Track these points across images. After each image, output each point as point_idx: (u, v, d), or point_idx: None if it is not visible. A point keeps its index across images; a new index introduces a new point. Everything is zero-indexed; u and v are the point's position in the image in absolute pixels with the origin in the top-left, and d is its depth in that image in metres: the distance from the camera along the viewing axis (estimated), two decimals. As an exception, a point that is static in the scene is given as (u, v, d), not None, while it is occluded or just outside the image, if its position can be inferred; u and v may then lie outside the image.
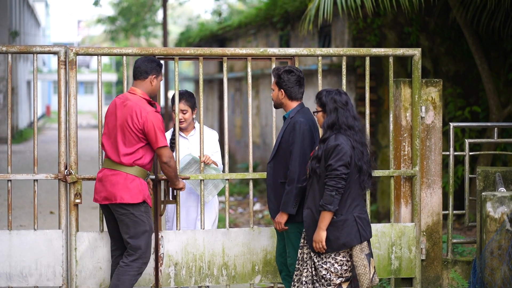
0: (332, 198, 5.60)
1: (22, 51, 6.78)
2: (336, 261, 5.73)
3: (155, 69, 6.30)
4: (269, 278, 7.02)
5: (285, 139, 6.24)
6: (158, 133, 6.14)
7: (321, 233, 5.67)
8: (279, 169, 6.28)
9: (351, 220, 5.70)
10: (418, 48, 7.32)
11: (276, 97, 6.35)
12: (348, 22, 12.48)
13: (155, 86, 6.32)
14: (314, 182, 5.76)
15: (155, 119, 6.15)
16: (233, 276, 6.93)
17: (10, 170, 6.73)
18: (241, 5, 38.47)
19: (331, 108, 5.77)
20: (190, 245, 6.83)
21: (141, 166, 6.20)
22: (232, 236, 6.92)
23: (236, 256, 6.92)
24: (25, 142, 29.36)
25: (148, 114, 6.13)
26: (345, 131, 5.72)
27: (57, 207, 6.85)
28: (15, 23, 31.40)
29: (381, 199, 12.18)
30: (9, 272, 6.59)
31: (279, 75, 6.31)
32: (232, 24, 20.71)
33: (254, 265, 6.97)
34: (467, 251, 9.08)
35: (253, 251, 6.96)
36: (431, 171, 7.32)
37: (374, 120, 12.10)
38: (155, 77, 6.29)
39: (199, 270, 6.82)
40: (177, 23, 56.06)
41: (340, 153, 5.63)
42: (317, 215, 5.72)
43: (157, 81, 6.33)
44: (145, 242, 6.25)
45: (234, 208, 14.38)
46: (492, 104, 11.06)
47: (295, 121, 6.20)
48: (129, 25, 38.74)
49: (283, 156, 6.26)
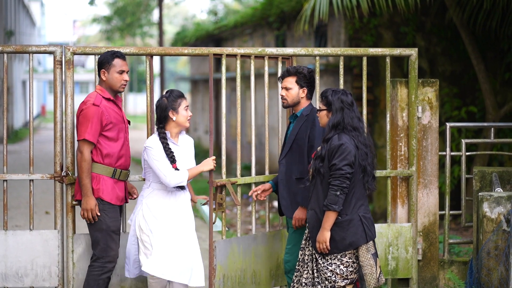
0: (337, 197, 5.56)
1: (18, 51, 6.75)
2: (342, 263, 5.68)
3: (103, 63, 6.22)
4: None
5: (301, 136, 6.24)
6: (83, 124, 6.05)
7: (325, 233, 5.62)
8: (293, 165, 6.28)
9: (357, 220, 5.66)
10: (415, 48, 7.31)
11: (296, 95, 6.33)
12: (344, 22, 12.48)
13: (108, 79, 6.19)
14: (318, 182, 5.72)
15: (88, 111, 6.06)
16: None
17: (5, 170, 6.70)
18: (237, 5, 38.46)
19: (337, 108, 5.73)
20: (233, 254, 6.69)
21: (100, 163, 6.12)
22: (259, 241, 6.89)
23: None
24: (20, 142, 29.33)
25: (82, 105, 6.09)
26: (349, 132, 5.69)
27: (53, 207, 6.83)
28: (10, 23, 31.36)
29: (377, 199, 12.18)
30: (5, 273, 6.56)
31: (304, 74, 6.30)
32: (228, 24, 20.71)
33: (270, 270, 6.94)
34: (463, 251, 9.08)
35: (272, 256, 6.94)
36: (428, 171, 7.31)
37: (370, 120, 12.10)
38: (103, 71, 6.21)
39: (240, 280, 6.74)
40: (172, 22, 56.05)
41: (344, 152, 5.60)
42: (321, 215, 5.68)
43: (110, 73, 6.20)
44: (104, 241, 6.17)
45: (230, 209, 14.37)
46: (489, 104, 11.07)
47: (314, 118, 6.21)
48: (124, 25, 38.72)
49: (298, 152, 6.26)
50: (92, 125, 6.04)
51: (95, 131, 6.06)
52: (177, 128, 6.20)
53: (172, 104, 6.14)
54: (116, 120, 6.19)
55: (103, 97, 6.18)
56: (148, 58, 6.79)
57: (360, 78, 12.00)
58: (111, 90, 6.23)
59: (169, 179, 6.03)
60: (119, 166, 6.21)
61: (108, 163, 6.14)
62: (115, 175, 6.18)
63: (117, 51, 6.30)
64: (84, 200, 6.09)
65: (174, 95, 6.18)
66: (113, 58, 6.20)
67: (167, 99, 6.15)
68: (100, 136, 6.12)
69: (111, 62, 6.18)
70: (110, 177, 6.16)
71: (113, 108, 6.22)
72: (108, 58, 6.19)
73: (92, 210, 6.06)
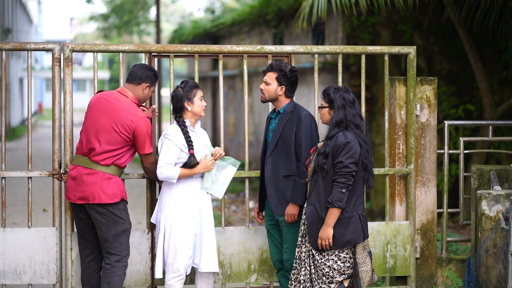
0: (343, 195, 5.60)
1: (16, 48, 6.75)
2: (339, 258, 5.71)
3: (150, 78, 6.25)
4: (265, 277, 7.00)
5: (287, 133, 6.23)
6: (147, 139, 6.11)
7: (329, 230, 5.65)
8: (280, 163, 6.27)
9: (356, 218, 5.71)
10: (414, 46, 7.31)
11: (274, 91, 6.32)
12: (342, 20, 12.47)
13: (146, 95, 6.26)
14: (319, 178, 5.74)
15: (147, 125, 6.13)
16: (229, 275, 6.91)
17: (4, 167, 6.70)
18: (234, 3, 38.43)
19: (339, 105, 5.77)
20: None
21: (117, 165, 6.13)
22: (227, 235, 6.89)
23: (232, 255, 6.90)
24: (17, 140, 29.29)
25: (140, 119, 6.07)
26: (352, 129, 5.73)
27: (50, 204, 6.83)
28: (7, 20, 31.32)
29: (374, 197, 12.18)
30: (3, 270, 6.56)
31: (285, 72, 6.28)
32: (226, 21, 20.68)
33: (250, 264, 6.94)
34: (461, 249, 9.09)
35: (249, 250, 6.94)
36: (426, 169, 7.32)
37: (367, 118, 12.09)
38: (148, 85, 6.24)
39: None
40: (169, 20, 55.97)
41: (351, 150, 5.64)
42: (322, 211, 5.71)
43: (149, 91, 6.27)
44: (126, 240, 6.20)
45: (227, 206, 14.38)
46: (486, 103, 11.07)
47: (300, 114, 6.21)
48: (121, 23, 38.64)
49: (284, 150, 6.25)
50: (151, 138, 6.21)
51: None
52: (194, 118, 6.31)
53: (187, 95, 6.24)
54: None
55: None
56: (147, 56, 6.79)
57: (357, 76, 11.99)
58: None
59: (160, 171, 6.12)
60: (125, 167, 6.29)
61: (124, 165, 6.23)
62: (122, 175, 6.30)
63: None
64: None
65: (189, 86, 6.27)
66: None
67: (183, 90, 6.24)
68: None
69: (154, 82, 6.31)
70: (119, 177, 6.22)
71: None
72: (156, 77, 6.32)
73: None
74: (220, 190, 6.34)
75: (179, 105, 6.23)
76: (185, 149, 6.14)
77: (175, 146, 6.14)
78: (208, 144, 6.37)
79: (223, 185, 6.35)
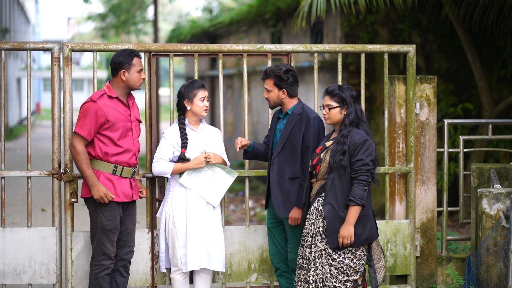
0: (364, 192, 5.64)
1: (15, 48, 6.72)
2: (355, 256, 5.74)
3: (125, 62, 6.14)
4: (265, 276, 6.99)
5: (294, 135, 6.23)
6: (81, 119, 6.05)
7: (351, 228, 5.65)
8: (286, 165, 6.27)
9: (371, 215, 5.78)
10: (413, 44, 7.31)
11: (276, 97, 6.31)
12: (341, 19, 12.47)
13: (128, 79, 6.16)
14: (335, 177, 5.71)
15: (86, 107, 6.06)
16: (229, 275, 6.90)
17: (3, 167, 6.69)
18: (232, 2, 38.41)
19: (351, 103, 5.80)
20: None
21: (99, 159, 6.10)
22: (227, 234, 6.89)
23: (232, 254, 6.89)
24: (15, 140, 29.24)
25: (85, 102, 6.09)
26: (362, 126, 5.78)
27: (49, 204, 6.82)
28: (5, 20, 31.27)
29: (374, 196, 12.17)
30: (3, 270, 6.55)
31: (280, 76, 6.26)
32: (224, 21, 20.66)
33: (250, 263, 6.94)
34: (460, 248, 9.09)
35: (249, 249, 6.93)
36: (426, 168, 7.32)
37: (366, 117, 12.09)
38: (124, 71, 6.14)
39: None
40: (167, 20, 55.93)
41: (369, 148, 5.68)
42: (340, 210, 5.69)
43: (130, 73, 6.15)
44: (98, 238, 6.18)
45: (226, 205, 14.37)
46: (485, 101, 11.08)
47: (309, 117, 6.21)
48: (119, 22, 38.59)
49: (291, 152, 6.25)
50: (86, 120, 6.03)
51: (88, 126, 6.03)
52: (194, 117, 6.39)
53: (187, 94, 6.35)
54: (116, 118, 6.10)
55: (107, 95, 6.15)
56: (146, 55, 6.78)
57: (356, 75, 11.99)
58: (125, 89, 6.21)
59: (155, 165, 6.31)
60: (121, 163, 6.15)
61: (107, 159, 6.12)
62: (116, 172, 6.15)
63: (133, 50, 6.26)
64: (93, 191, 6.05)
65: (191, 86, 6.38)
66: (132, 58, 6.17)
67: (184, 89, 6.36)
68: (100, 135, 6.09)
69: (131, 62, 6.16)
70: (111, 174, 6.14)
71: (117, 107, 6.15)
72: (128, 58, 6.15)
73: (106, 194, 6.04)
74: (215, 196, 6.40)
75: (180, 103, 6.35)
76: (177, 146, 6.26)
77: (168, 143, 6.28)
78: (214, 143, 6.42)
79: (218, 193, 6.41)
